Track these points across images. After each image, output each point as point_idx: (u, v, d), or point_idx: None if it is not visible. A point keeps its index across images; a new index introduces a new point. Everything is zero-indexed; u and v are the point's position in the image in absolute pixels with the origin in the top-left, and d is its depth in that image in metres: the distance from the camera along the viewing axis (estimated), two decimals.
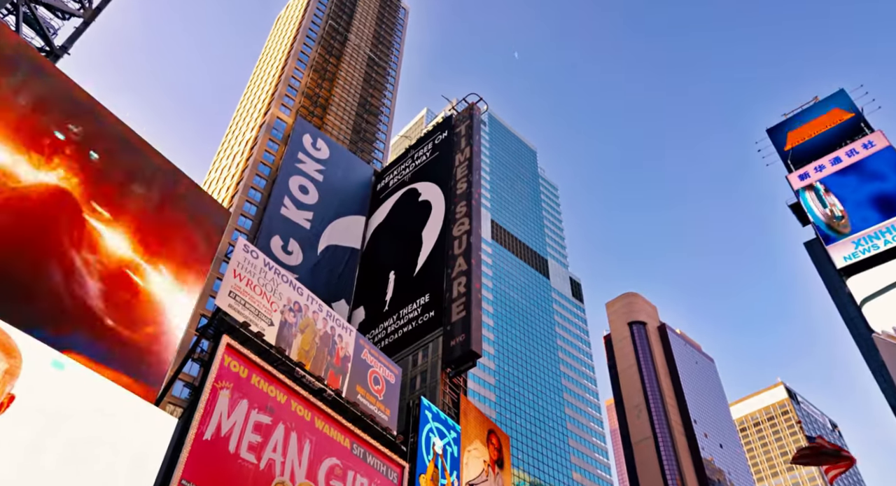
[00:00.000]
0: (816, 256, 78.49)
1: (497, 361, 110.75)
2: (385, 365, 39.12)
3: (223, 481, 23.81)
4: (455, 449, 38.96)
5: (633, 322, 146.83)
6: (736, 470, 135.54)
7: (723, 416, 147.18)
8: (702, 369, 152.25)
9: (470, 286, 56.19)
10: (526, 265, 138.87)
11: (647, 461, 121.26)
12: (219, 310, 29.98)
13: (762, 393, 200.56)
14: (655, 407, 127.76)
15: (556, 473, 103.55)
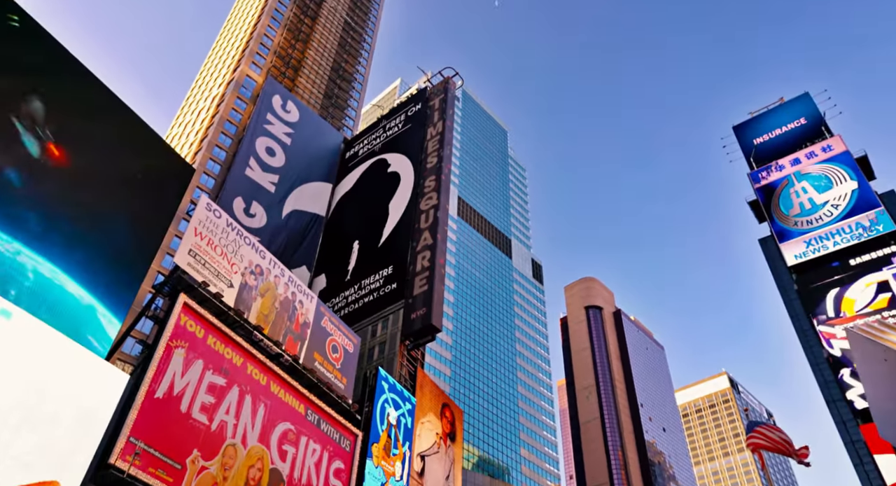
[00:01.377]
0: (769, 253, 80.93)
1: (454, 337, 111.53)
2: (344, 334, 38.83)
3: (173, 440, 23.34)
4: (409, 421, 39.15)
5: (589, 306, 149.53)
6: (676, 453, 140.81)
7: (668, 401, 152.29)
8: (652, 355, 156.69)
9: (434, 261, 56.08)
10: (489, 244, 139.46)
11: (592, 440, 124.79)
12: (177, 268, 29.12)
13: (706, 381, 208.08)
14: (605, 390, 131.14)
15: (504, 449, 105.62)
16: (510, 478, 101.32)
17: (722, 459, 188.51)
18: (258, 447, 27.09)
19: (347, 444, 32.77)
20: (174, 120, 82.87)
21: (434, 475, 40.35)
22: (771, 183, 76.01)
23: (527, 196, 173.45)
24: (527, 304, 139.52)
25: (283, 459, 28.12)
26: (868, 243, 63.88)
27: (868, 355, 7.07)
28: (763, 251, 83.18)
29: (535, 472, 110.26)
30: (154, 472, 21.99)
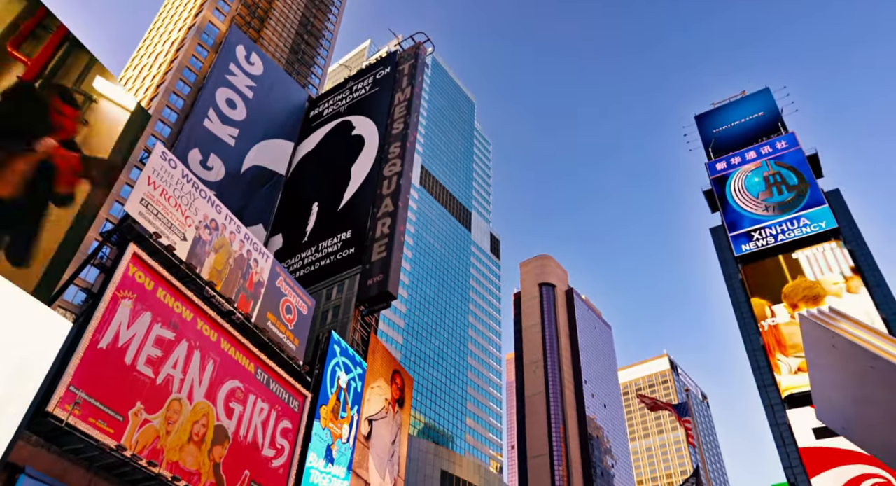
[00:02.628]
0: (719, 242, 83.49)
1: (409, 305, 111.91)
2: (299, 296, 38.37)
3: (115, 391, 22.74)
4: (359, 385, 39.24)
5: (543, 284, 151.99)
6: (614, 429, 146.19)
7: (611, 379, 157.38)
8: (599, 334, 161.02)
9: (394, 228, 55.72)
10: (450, 215, 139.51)
11: (536, 413, 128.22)
12: (127, 217, 28.02)
13: (648, 362, 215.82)
14: (552, 365, 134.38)
15: (451, 417, 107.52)
16: (454, 446, 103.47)
17: (656, 436, 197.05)
18: (204, 403, 26.70)
19: (296, 405, 32.65)
20: (129, 62, 79.00)
21: (381, 439, 40.74)
22: (726, 174, 78.00)
23: (490, 170, 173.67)
24: (482, 277, 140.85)
25: (229, 416, 27.83)
26: (810, 238, 66.57)
27: (818, 340, 7.28)
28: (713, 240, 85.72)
29: (479, 441, 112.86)
30: (94, 422, 21.42)
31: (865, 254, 73.46)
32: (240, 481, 27.04)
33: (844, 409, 7.83)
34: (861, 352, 6.76)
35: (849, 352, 6.92)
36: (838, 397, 7.71)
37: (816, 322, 7.06)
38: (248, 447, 28.18)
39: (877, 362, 6.69)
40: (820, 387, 7.77)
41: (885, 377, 6.75)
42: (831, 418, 8.29)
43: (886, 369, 6.65)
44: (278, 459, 29.84)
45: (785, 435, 59.40)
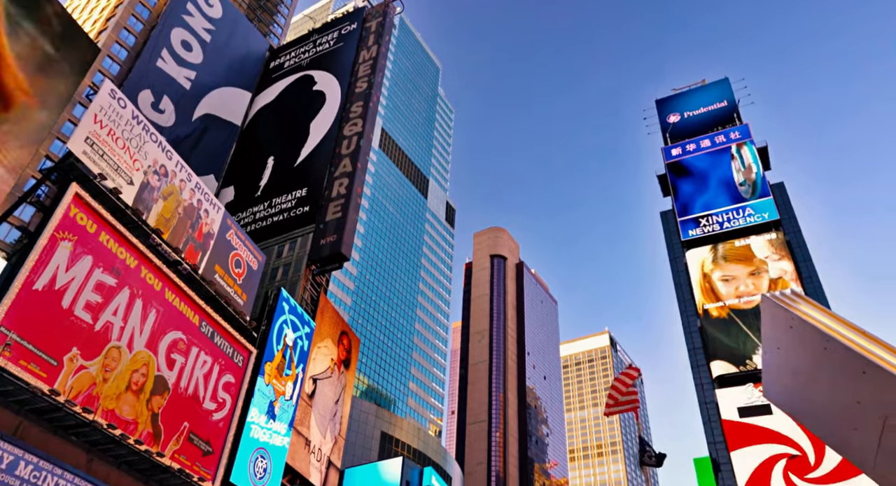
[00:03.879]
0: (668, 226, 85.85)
1: (360, 268, 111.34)
2: (250, 250, 37.46)
3: (50, 335, 21.80)
4: (306, 344, 38.93)
5: (495, 255, 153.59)
6: (551, 400, 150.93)
7: (553, 352, 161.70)
8: (545, 308, 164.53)
9: (351, 189, 54.79)
10: (407, 181, 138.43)
11: (478, 381, 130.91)
12: (70, 155, 26.50)
13: (589, 338, 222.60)
14: (497, 336, 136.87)
15: (394, 381, 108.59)
16: (395, 408, 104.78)
17: (591, 408, 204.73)
18: (145, 353, 25.95)
19: (240, 359, 32.15)
20: None
21: (324, 399, 40.73)
22: (681, 160, 79.81)
23: (451, 138, 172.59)
24: (435, 245, 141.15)
25: (170, 367, 27.17)
26: (753, 227, 69.25)
27: (776, 320, 7.46)
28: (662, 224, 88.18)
29: (421, 405, 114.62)
30: (26, 365, 20.50)
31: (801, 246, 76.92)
32: (178, 432, 26.58)
33: (792, 387, 8.15)
34: (816, 333, 6.96)
35: (804, 333, 7.12)
36: (788, 375, 8.00)
37: (776, 303, 7.23)
38: (188, 399, 27.65)
39: (830, 343, 6.90)
40: (771, 365, 8.04)
41: (836, 358, 6.98)
42: (777, 395, 8.63)
43: (839, 351, 6.87)
44: (219, 412, 29.44)
45: (711, 413, 62.52)
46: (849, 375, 6.81)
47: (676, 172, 79.55)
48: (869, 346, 6.60)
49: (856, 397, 6.93)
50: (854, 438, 7.49)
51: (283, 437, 33.66)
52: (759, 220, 69.83)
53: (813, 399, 7.83)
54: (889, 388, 6.48)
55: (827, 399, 7.46)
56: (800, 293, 7.19)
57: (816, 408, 7.98)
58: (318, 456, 38.26)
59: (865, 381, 6.67)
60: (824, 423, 8.12)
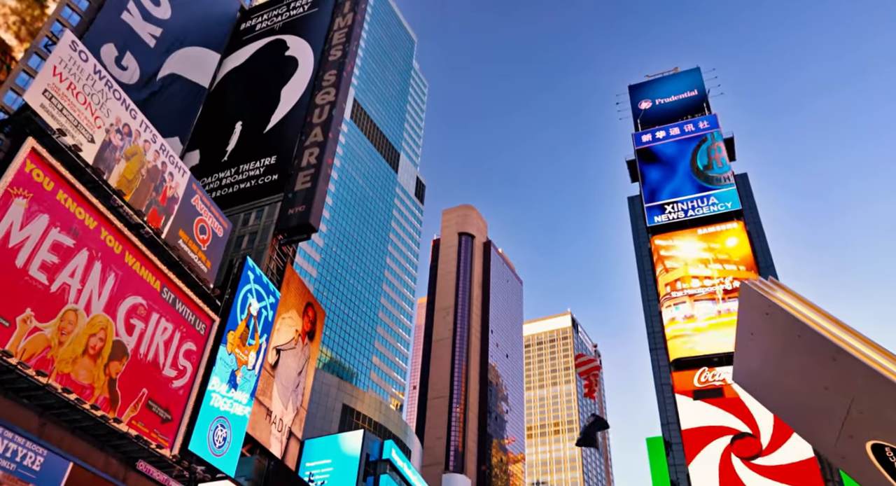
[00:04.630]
0: (634, 211, 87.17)
1: (326, 240, 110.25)
2: (216, 217, 36.57)
3: (2, 294, 20.95)
4: (270, 314, 38.44)
5: (463, 233, 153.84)
6: (512, 378, 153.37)
7: (516, 331, 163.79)
8: (511, 287, 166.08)
9: (322, 159, 53.81)
10: (377, 154, 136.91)
11: (441, 357, 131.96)
12: (27, 107, 25.23)
13: (552, 318, 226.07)
14: (462, 313, 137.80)
15: (357, 354, 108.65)
16: (357, 381, 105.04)
17: (550, 387, 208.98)
18: (103, 317, 25.20)
19: (202, 327, 31.55)
20: None
21: (287, 369, 40.44)
22: (650, 147, 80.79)
23: (423, 113, 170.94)
24: (404, 220, 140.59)
25: (129, 333, 26.48)
26: (715, 216, 70.84)
27: (753, 305, 7.52)
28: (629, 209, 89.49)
29: (383, 379, 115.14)
30: None
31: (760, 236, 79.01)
32: (136, 398, 26.05)
33: (761, 372, 8.30)
34: (791, 320, 7.05)
35: (779, 320, 7.20)
36: (758, 360, 8.14)
37: (755, 289, 7.28)
38: (147, 366, 27.07)
39: (804, 330, 6.99)
40: (743, 351, 8.17)
41: (808, 345, 7.08)
42: (746, 378, 8.80)
43: (811, 338, 6.96)
44: (179, 380, 28.94)
45: (667, 395, 64.39)
46: (819, 361, 6.94)
47: (645, 158, 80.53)
48: (841, 334, 6.71)
49: (824, 382, 7.09)
50: (818, 422, 7.70)
51: (245, 406, 33.35)
52: (723, 209, 71.38)
53: (781, 384, 8.00)
54: (857, 375, 6.61)
55: (795, 384, 7.63)
56: (777, 282, 7.26)
57: (784, 393, 8.18)
58: (279, 427, 38.11)
59: (834, 367, 6.80)
60: (790, 407, 8.34)
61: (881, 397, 6.47)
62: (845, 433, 7.15)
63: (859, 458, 7.26)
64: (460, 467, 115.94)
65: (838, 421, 7.15)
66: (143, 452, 25.60)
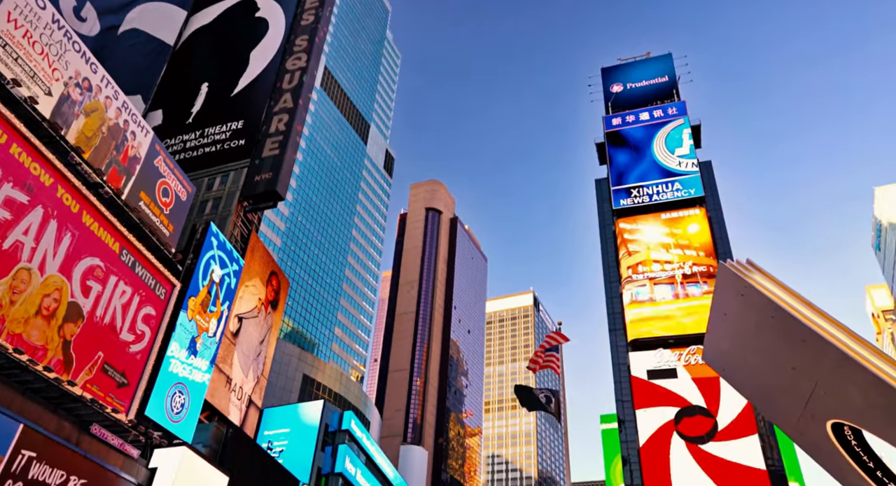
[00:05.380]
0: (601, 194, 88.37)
1: (292, 209, 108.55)
2: (180, 180, 35.48)
3: None
4: (233, 281, 37.76)
5: (430, 208, 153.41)
6: (473, 354, 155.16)
7: (479, 308, 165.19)
8: (475, 264, 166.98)
9: (291, 126, 52.58)
10: (347, 124, 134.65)
11: (404, 330, 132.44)
12: None
13: (514, 296, 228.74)
14: (426, 288, 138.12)
15: (320, 325, 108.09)
16: (319, 352, 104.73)
17: (509, 364, 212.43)
18: (58, 277, 24.31)
19: (163, 292, 30.77)
20: None
21: (249, 338, 39.96)
22: (620, 130, 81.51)
23: (395, 85, 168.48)
24: (371, 193, 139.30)
25: (85, 294, 25.64)
26: (678, 202, 72.26)
27: (729, 286, 7.64)
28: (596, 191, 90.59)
29: (345, 351, 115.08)
30: None
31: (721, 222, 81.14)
32: (91, 361, 25.35)
33: (731, 351, 8.48)
34: (766, 302, 7.17)
35: (754, 301, 7.32)
36: (729, 340, 8.30)
37: (732, 270, 7.38)
38: (104, 329, 26.32)
39: (778, 312, 7.12)
40: (715, 330, 8.32)
41: (780, 326, 7.23)
42: (715, 357, 8.99)
43: (784, 319, 7.10)
44: (137, 344, 28.26)
45: (623, 374, 66.07)
46: (789, 342, 7.10)
47: (614, 141, 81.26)
48: (812, 316, 6.86)
49: (792, 363, 7.26)
50: (782, 401, 7.92)
51: (204, 373, 32.88)
52: (686, 195, 72.79)
53: (749, 364, 8.19)
54: (825, 356, 6.79)
55: (764, 364, 7.82)
56: (754, 264, 7.38)
57: (751, 372, 8.38)
58: (238, 395, 37.76)
59: (804, 349, 6.97)
60: (757, 386, 8.56)
61: (847, 379, 6.66)
62: (808, 412, 7.37)
63: (819, 436, 7.51)
64: (418, 439, 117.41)
65: (802, 401, 7.36)
66: (98, 416, 25.03)
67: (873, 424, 6.78)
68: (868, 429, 6.94)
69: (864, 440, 7.40)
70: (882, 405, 6.47)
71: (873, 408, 6.60)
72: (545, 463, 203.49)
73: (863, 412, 6.82)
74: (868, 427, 6.90)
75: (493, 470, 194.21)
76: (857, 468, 7.28)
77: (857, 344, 6.69)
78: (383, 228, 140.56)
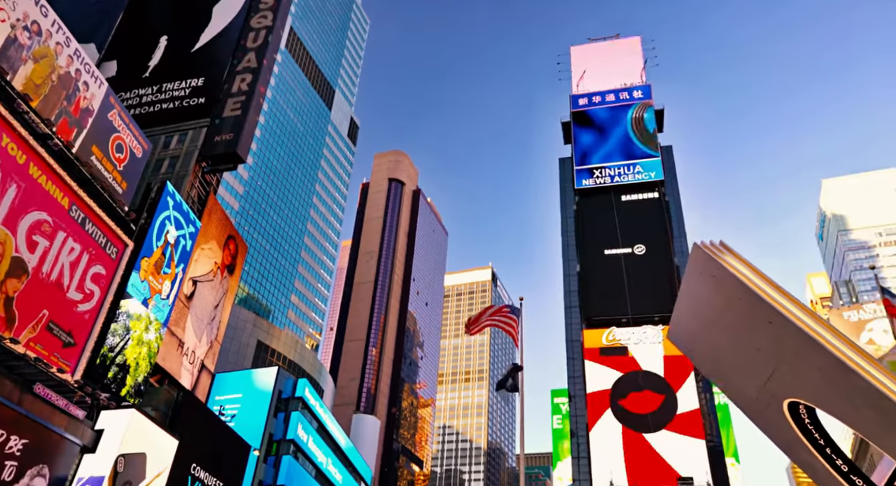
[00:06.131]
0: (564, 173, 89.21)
1: (252, 172, 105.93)
2: (135, 136, 34.02)
3: None
4: (189, 243, 36.72)
5: (393, 179, 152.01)
6: (430, 326, 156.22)
7: (437, 281, 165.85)
8: (436, 238, 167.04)
9: (254, 87, 50.91)
10: (311, 89, 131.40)
11: (361, 300, 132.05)
12: None
13: (473, 271, 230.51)
14: (385, 259, 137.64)
15: (276, 292, 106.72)
16: (274, 319, 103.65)
17: (465, 337, 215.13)
18: (1, 230, 23.12)
19: (114, 251, 29.65)
20: None
21: (203, 301, 39.10)
22: (586, 110, 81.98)
23: (363, 51, 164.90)
24: (334, 160, 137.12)
25: (31, 249, 24.48)
26: (638, 185, 73.58)
27: (700, 266, 7.71)
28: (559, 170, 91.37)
29: (301, 319, 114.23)
30: None
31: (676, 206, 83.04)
32: (36, 319, 24.35)
33: (696, 330, 8.64)
34: (736, 283, 7.27)
35: (724, 282, 7.42)
36: (696, 319, 8.44)
37: (706, 251, 7.45)
38: (50, 286, 25.26)
39: (746, 293, 7.22)
40: (683, 309, 8.44)
41: (749, 309, 7.35)
42: (680, 334, 9.15)
43: (752, 301, 7.22)
44: (85, 304, 27.26)
45: (576, 351, 67.58)
46: (756, 324, 7.24)
47: (580, 121, 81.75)
48: (781, 300, 6.99)
49: (757, 344, 7.43)
50: (744, 380, 8.13)
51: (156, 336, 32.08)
52: (647, 178, 74.08)
53: (713, 343, 8.37)
54: (790, 338, 6.95)
55: (729, 343, 7.98)
56: (727, 246, 7.46)
57: (714, 351, 8.57)
58: (190, 359, 37.06)
59: (770, 330, 7.12)
60: (720, 365, 8.77)
61: (809, 360, 6.84)
62: (767, 391, 7.58)
63: (775, 414, 7.75)
64: (371, 408, 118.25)
65: (763, 379, 7.56)
66: (42, 375, 24.16)
67: (829, 403, 7.01)
68: (823, 408, 7.18)
69: (817, 419, 7.66)
70: (840, 385, 6.68)
71: (831, 388, 6.81)
72: (495, 435, 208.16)
73: (820, 392, 7.05)
74: (823, 406, 7.13)
75: (443, 441, 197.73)
76: (809, 445, 7.55)
77: (822, 327, 6.86)
78: (345, 197, 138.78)
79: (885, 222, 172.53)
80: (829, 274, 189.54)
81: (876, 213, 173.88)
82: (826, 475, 7.53)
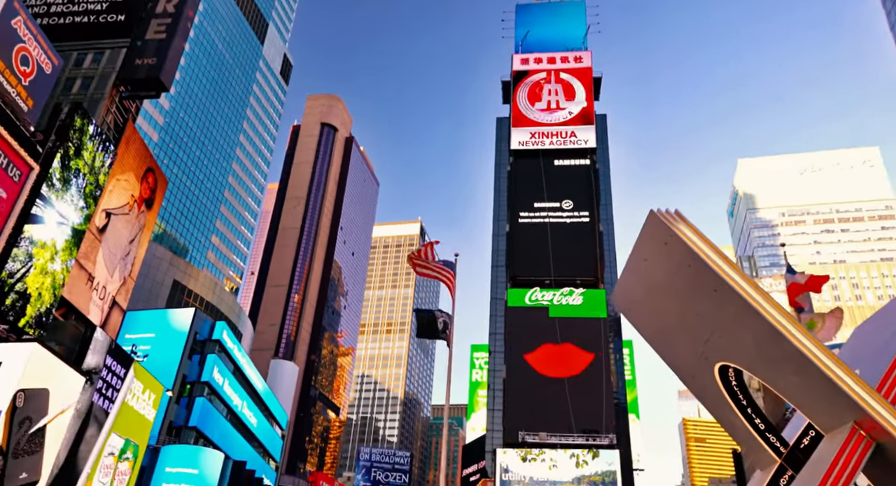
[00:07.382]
0: (501, 133, 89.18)
1: (174, 103, 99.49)
2: (44, 49, 30.79)
3: None
4: None
5: (326, 124, 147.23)
6: (354, 276, 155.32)
7: (365, 232, 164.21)
8: (367, 188, 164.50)
9: (182, 9, 47.23)
10: (243, 19, 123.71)
11: (286, 246, 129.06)
12: None
13: (402, 224, 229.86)
14: (313, 205, 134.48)
15: (196, 231, 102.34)
16: (192, 259, 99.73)
17: (389, 289, 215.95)
18: None
19: (17, 174, 27.10)
20: None
21: (117, 235, 36.74)
22: (525, 71, 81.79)
23: None
24: (264, 98, 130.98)
25: None
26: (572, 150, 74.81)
27: (653, 232, 7.73)
28: (496, 129, 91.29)
29: (221, 260, 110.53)
30: None
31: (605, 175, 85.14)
32: None
33: (641, 295, 8.76)
34: (686, 251, 7.33)
35: (675, 249, 7.47)
36: (644, 284, 8.54)
37: (660, 218, 7.45)
38: None
39: (695, 261, 7.30)
40: (631, 272, 8.51)
41: (696, 276, 7.47)
42: (624, 297, 9.29)
43: (700, 268, 7.32)
44: None
45: (499, 308, 69.25)
46: (700, 290, 7.38)
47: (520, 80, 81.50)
48: (727, 268, 7.13)
49: (698, 309, 7.61)
50: (682, 344, 8.38)
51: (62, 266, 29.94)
52: (581, 145, 75.30)
53: (657, 308, 8.53)
54: (731, 305, 7.13)
55: (671, 309, 8.16)
56: (681, 214, 7.49)
57: (657, 314, 8.75)
58: (101, 294, 34.99)
59: (713, 297, 7.28)
60: (658, 328, 9.00)
61: (746, 326, 7.07)
62: (702, 356, 7.85)
63: (706, 378, 8.05)
64: (290, 354, 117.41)
65: (700, 343, 7.80)
66: None
67: (758, 367, 7.30)
68: (752, 371, 7.48)
69: (743, 382, 8.02)
70: (771, 351, 6.95)
71: (763, 353, 7.09)
72: (412, 386, 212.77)
73: (751, 356, 7.32)
74: (752, 370, 7.42)
75: (361, 389, 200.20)
76: (733, 405, 7.92)
77: (761, 297, 7.05)
78: (274, 138, 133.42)
79: (788, 203, 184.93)
80: (735, 249, 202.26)
81: (781, 194, 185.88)
82: (745, 432, 7.95)
